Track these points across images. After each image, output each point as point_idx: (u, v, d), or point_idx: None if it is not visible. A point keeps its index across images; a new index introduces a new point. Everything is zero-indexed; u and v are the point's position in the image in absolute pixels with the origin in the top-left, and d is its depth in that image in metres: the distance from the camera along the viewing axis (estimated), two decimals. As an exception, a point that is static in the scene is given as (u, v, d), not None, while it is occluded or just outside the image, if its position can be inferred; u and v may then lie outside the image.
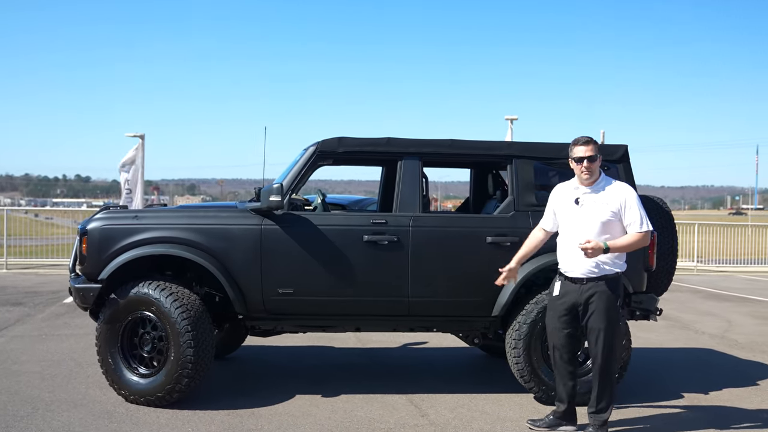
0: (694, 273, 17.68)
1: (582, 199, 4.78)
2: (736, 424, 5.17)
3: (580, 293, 4.72)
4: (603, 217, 4.65)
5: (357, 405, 5.40)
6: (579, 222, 4.74)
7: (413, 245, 5.41)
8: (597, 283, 4.67)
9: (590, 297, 4.69)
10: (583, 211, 4.74)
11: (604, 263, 4.67)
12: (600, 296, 4.66)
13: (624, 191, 4.72)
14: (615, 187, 4.75)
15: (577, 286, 4.74)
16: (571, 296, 4.76)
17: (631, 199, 4.68)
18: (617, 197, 4.68)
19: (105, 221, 5.40)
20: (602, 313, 4.65)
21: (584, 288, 4.71)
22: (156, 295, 5.18)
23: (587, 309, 4.71)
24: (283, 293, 5.38)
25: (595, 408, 4.76)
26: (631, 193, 4.72)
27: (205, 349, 5.21)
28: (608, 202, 4.69)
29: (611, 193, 4.71)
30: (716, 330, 9.26)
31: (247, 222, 5.39)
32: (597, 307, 4.67)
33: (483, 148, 5.77)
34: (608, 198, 4.70)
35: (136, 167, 14.27)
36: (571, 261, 4.76)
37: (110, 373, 5.29)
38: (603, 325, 4.66)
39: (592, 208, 4.72)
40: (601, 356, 4.70)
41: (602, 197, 4.71)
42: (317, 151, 5.58)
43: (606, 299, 4.65)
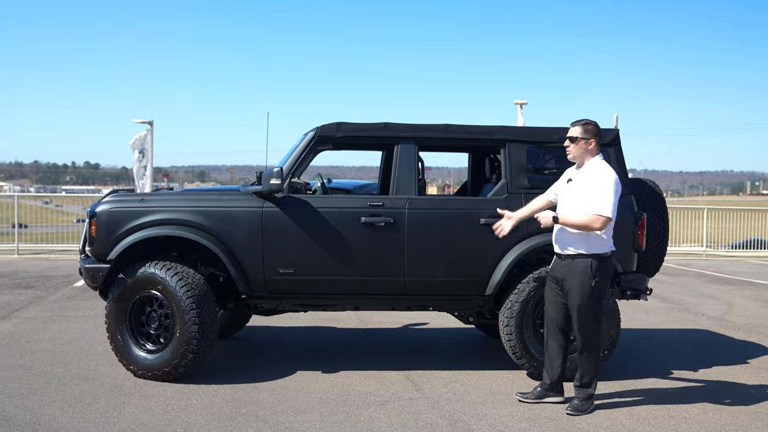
0: (702, 258, 17.78)
1: (573, 179, 5.01)
2: (722, 398, 5.36)
3: (560, 268, 4.98)
4: (583, 196, 4.85)
5: (355, 380, 5.62)
6: (565, 200, 4.98)
7: (409, 226, 5.60)
8: (573, 260, 4.90)
9: (566, 273, 4.92)
10: (569, 190, 4.98)
11: (579, 242, 4.87)
12: (574, 274, 4.88)
13: (601, 173, 4.87)
14: (597, 169, 4.92)
15: (560, 262, 4.99)
16: (557, 271, 5.02)
17: (603, 182, 4.81)
18: (594, 178, 4.87)
19: (113, 204, 5.62)
20: (576, 291, 4.88)
21: (563, 264, 4.96)
22: (162, 275, 5.40)
23: (564, 285, 4.95)
24: (284, 273, 5.59)
25: (579, 382, 4.97)
26: (607, 177, 4.83)
27: (209, 326, 5.43)
28: (585, 182, 4.90)
29: (591, 173, 4.91)
30: (716, 312, 9.42)
31: (248, 205, 5.60)
32: (572, 285, 4.90)
33: (477, 132, 5.94)
34: (588, 178, 4.90)
35: (145, 154, 14.51)
36: (555, 237, 5.04)
37: (119, 349, 5.52)
38: (577, 302, 4.89)
39: (576, 187, 4.93)
40: (580, 332, 4.94)
41: (585, 177, 4.92)
42: (316, 136, 5.77)
43: (579, 277, 4.86)
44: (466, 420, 4.74)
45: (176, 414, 4.72)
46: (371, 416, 4.77)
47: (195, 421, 4.60)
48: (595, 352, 5.00)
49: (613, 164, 5.87)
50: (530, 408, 5.01)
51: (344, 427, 4.55)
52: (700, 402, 5.25)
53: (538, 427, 4.64)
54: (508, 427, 4.61)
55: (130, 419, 4.60)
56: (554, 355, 5.10)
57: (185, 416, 4.68)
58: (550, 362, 5.12)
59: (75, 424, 4.49)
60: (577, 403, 4.93)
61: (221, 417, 4.68)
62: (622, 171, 5.89)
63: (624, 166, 5.93)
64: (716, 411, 5.04)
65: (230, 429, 4.46)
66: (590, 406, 4.95)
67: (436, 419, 4.74)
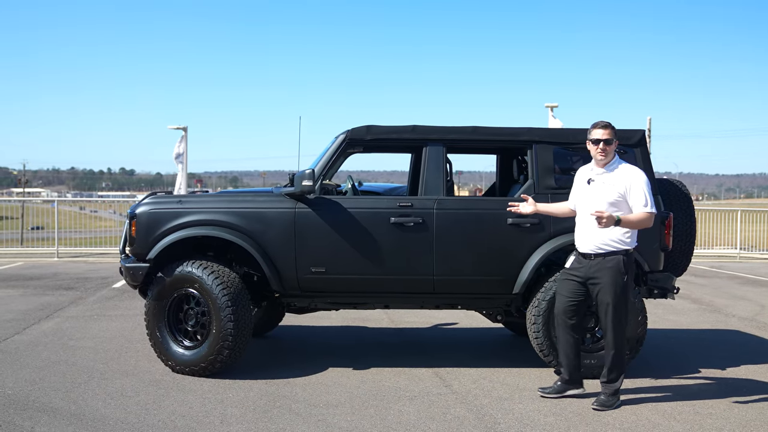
0: (737, 260, 17.60)
1: (594, 179, 5.10)
2: (746, 396, 5.40)
3: (589, 268, 5.04)
4: (610, 197, 4.95)
5: (386, 377, 5.76)
6: (589, 200, 5.06)
7: (437, 226, 5.74)
8: (605, 258, 4.98)
9: (597, 272, 5.00)
10: (593, 190, 5.07)
11: (612, 240, 4.97)
12: (606, 272, 4.97)
13: (632, 174, 5.01)
14: (624, 170, 5.04)
15: (587, 261, 5.06)
16: (581, 270, 5.09)
17: (637, 182, 4.96)
18: (625, 179, 4.98)
19: (152, 205, 5.85)
20: (609, 288, 4.96)
21: (593, 263, 5.03)
22: (199, 274, 5.60)
23: (595, 284, 5.02)
24: (316, 272, 5.76)
25: (606, 378, 5.06)
26: (639, 176, 5.00)
27: (244, 323, 5.62)
28: (616, 183, 4.98)
29: (620, 174, 5.01)
30: (747, 313, 9.38)
31: (282, 206, 5.78)
32: (604, 282, 4.97)
33: (504, 134, 6.06)
34: (617, 179, 4.99)
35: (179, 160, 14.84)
36: (583, 237, 5.10)
37: (158, 345, 5.74)
38: (610, 299, 4.97)
39: (602, 188, 5.02)
40: (610, 329, 5.02)
41: (612, 178, 5.02)
42: (347, 138, 5.94)
43: (612, 275, 4.95)
44: (493, 414, 4.85)
45: (213, 407, 4.91)
46: (401, 410, 4.91)
47: (231, 413, 4.79)
48: (623, 348, 5.08)
49: (639, 164, 5.95)
50: (556, 403, 5.11)
51: (374, 420, 4.70)
52: (727, 399, 5.29)
53: (564, 421, 4.73)
54: (534, 422, 4.72)
55: (170, 411, 4.80)
56: (569, 350, 5.22)
57: (221, 409, 4.87)
58: (566, 358, 5.24)
59: (117, 415, 4.71)
60: (604, 399, 5.02)
61: (256, 410, 4.86)
62: (649, 171, 5.96)
63: (650, 166, 6.00)
64: (742, 408, 5.09)
65: (265, 421, 4.64)
66: (616, 401, 5.03)
67: (464, 413, 4.86)
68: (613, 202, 4.96)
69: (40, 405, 4.89)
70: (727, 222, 19.38)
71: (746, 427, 4.69)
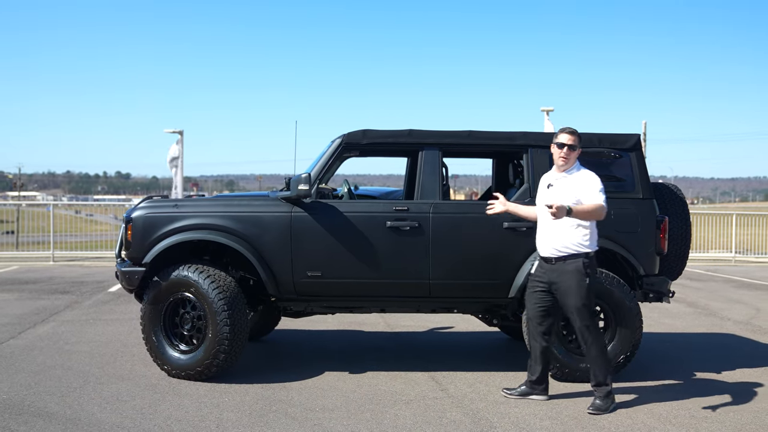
0: (731, 264, 17.64)
1: (554, 183, 5.18)
2: (742, 399, 5.41)
3: (551, 272, 5.11)
4: (568, 201, 4.99)
5: (382, 380, 5.77)
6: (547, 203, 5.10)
7: (433, 230, 5.75)
8: (565, 262, 5.04)
9: (559, 276, 5.05)
10: (552, 193, 5.14)
11: (571, 243, 5.03)
12: (568, 275, 5.02)
13: (588, 177, 5.07)
14: (582, 174, 5.11)
15: (548, 266, 5.13)
16: (545, 275, 5.16)
17: (591, 182, 5.03)
18: (581, 182, 5.05)
19: (148, 210, 5.85)
20: (571, 291, 5.01)
21: (554, 267, 5.09)
22: (195, 278, 5.60)
23: (558, 288, 5.08)
24: (312, 276, 5.76)
25: (594, 381, 5.10)
26: (593, 178, 5.06)
27: (241, 327, 5.62)
28: (573, 186, 5.05)
29: (577, 178, 5.08)
30: (743, 317, 9.40)
31: (278, 210, 5.79)
32: (566, 286, 5.03)
33: (500, 138, 6.07)
34: (574, 182, 5.07)
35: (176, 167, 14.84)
36: (543, 241, 5.17)
37: (154, 349, 5.74)
38: (574, 302, 5.02)
39: (560, 191, 5.10)
40: (584, 332, 5.07)
41: (569, 181, 5.09)
42: (343, 143, 5.95)
43: (573, 278, 5.00)
44: (489, 418, 4.86)
45: (209, 411, 4.91)
46: (397, 414, 4.91)
47: (227, 417, 4.78)
48: (601, 348, 5.11)
49: (634, 168, 5.99)
50: (552, 407, 5.12)
51: (371, 424, 4.70)
52: (722, 402, 5.31)
53: (559, 425, 4.74)
54: (530, 425, 4.72)
55: (165, 415, 4.79)
56: (538, 355, 5.27)
57: (218, 413, 4.87)
58: (534, 361, 5.29)
59: (113, 419, 4.70)
60: (599, 403, 5.03)
61: (252, 414, 4.86)
62: (644, 175, 5.99)
63: (645, 170, 6.03)
64: (738, 411, 5.10)
65: (261, 425, 4.64)
66: (611, 404, 5.04)
67: (460, 417, 4.87)
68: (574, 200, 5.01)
69: (35, 410, 4.88)
70: (722, 225, 19.44)
71: (742, 430, 4.70)
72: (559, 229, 5.04)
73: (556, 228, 5.04)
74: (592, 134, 6.05)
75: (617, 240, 5.83)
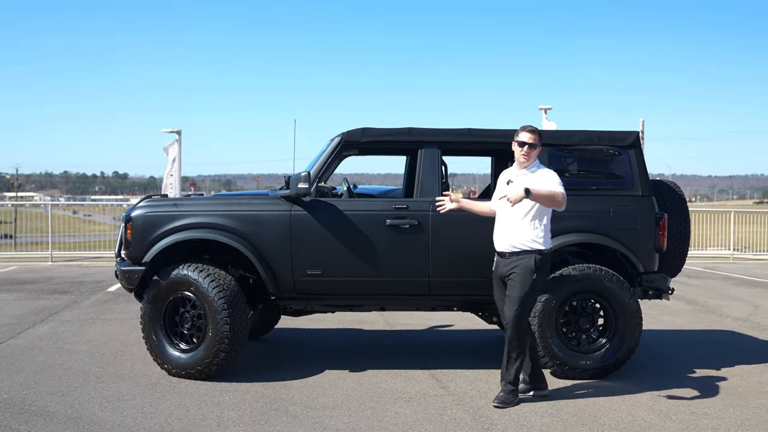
0: (730, 261, 17.65)
1: (513, 180, 5.21)
2: (741, 396, 5.43)
3: (505, 266, 5.16)
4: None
5: (382, 379, 5.77)
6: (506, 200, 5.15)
7: (433, 228, 5.75)
8: (518, 257, 5.09)
9: (512, 270, 5.10)
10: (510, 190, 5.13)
11: (526, 240, 5.08)
12: (518, 269, 5.07)
13: (547, 174, 5.12)
14: (542, 172, 5.15)
15: (503, 260, 5.18)
16: (500, 269, 5.22)
17: (550, 177, 5.08)
18: (540, 179, 5.07)
19: (147, 209, 5.84)
20: (517, 284, 5.06)
21: (508, 262, 5.14)
22: (195, 277, 5.60)
23: (508, 280, 5.14)
24: (312, 274, 5.77)
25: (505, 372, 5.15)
26: (553, 176, 5.11)
27: (241, 326, 5.62)
28: (532, 182, 5.06)
29: (537, 175, 5.11)
30: (741, 314, 9.41)
31: (277, 208, 5.79)
32: (515, 280, 5.08)
33: (498, 135, 6.08)
34: (533, 179, 5.08)
35: (173, 163, 14.78)
36: (500, 236, 5.23)
37: (154, 348, 5.73)
38: (516, 294, 5.06)
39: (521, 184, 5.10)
40: (512, 325, 5.09)
41: (529, 179, 5.11)
42: (342, 141, 5.95)
43: (523, 272, 5.05)
44: (490, 416, 4.87)
45: (210, 410, 4.91)
46: (397, 412, 4.92)
47: (228, 416, 4.78)
48: (522, 343, 5.14)
49: (633, 166, 6.00)
50: (552, 404, 5.13)
51: (371, 422, 4.71)
52: (722, 399, 5.32)
53: (560, 422, 4.75)
54: (531, 422, 4.73)
55: (166, 414, 4.80)
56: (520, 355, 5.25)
57: (218, 411, 4.87)
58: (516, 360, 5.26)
59: (114, 418, 4.70)
60: (503, 396, 5.11)
61: (253, 412, 4.86)
62: (643, 172, 6.00)
63: (644, 167, 6.03)
64: (737, 407, 5.11)
65: (262, 423, 4.64)
66: (515, 399, 5.12)
67: (460, 415, 4.87)
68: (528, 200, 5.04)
69: (36, 409, 4.88)
70: (720, 223, 19.45)
71: (741, 427, 4.71)
72: (515, 225, 5.10)
73: (513, 224, 5.11)
74: (592, 132, 6.06)
75: (617, 237, 5.84)
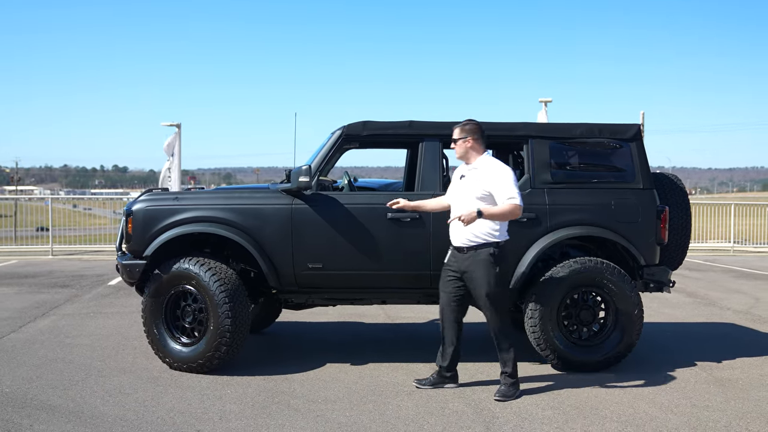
0: (730, 254, 17.65)
1: (465, 175, 5.22)
2: (743, 388, 5.43)
3: (462, 261, 5.16)
4: (477, 193, 5.07)
5: (383, 372, 5.78)
6: (459, 196, 5.21)
7: (434, 221, 5.74)
8: (476, 251, 5.09)
9: (470, 265, 5.10)
10: (462, 186, 5.20)
11: (481, 233, 5.07)
12: (478, 264, 5.07)
13: (496, 169, 5.09)
14: (490, 166, 5.13)
15: (460, 255, 5.17)
16: (456, 264, 5.21)
17: (502, 176, 5.04)
18: (490, 174, 5.07)
19: (148, 203, 5.84)
20: (481, 281, 5.07)
21: (465, 257, 5.14)
22: (196, 270, 5.60)
23: (469, 277, 5.13)
24: (313, 268, 5.76)
25: (502, 369, 5.19)
26: (503, 171, 5.07)
27: (242, 319, 5.62)
28: (481, 178, 5.08)
29: (486, 170, 5.11)
30: (742, 306, 9.42)
31: (278, 202, 5.78)
32: (476, 276, 5.08)
33: (500, 129, 6.06)
34: (482, 175, 5.10)
35: (173, 156, 14.76)
36: (455, 231, 5.22)
37: (155, 342, 5.74)
38: (484, 292, 5.07)
39: (469, 183, 5.15)
40: (491, 321, 5.15)
41: (478, 174, 5.12)
42: (343, 134, 5.94)
43: (483, 267, 5.06)
44: (491, 409, 4.87)
45: (211, 403, 4.91)
46: (399, 405, 4.92)
47: (230, 409, 4.79)
48: (508, 338, 5.17)
49: (634, 159, 5.99)
50: (554, 397, 5.13)
51: (373, 415, 4.71)
52: (723, 391, 5.33)
53: (561, 414, 4.76)
54: (532, 415, 4.74)
55: (168, 408, 4.80)
56: (448, 343, 5.32)
57: (220, 405, 4.87)
58: (444, 350, 5.34)
59: (116, 412, 4.70)
60: (504, 389, 5.13)
61: (255, 406, 4.87)
62: (644, 165, 5.99)
63: (646, 160, 6.03)
64: (738, 400, 5.12)
65: (264, 417, 4.65)
66: (516, 391, 5.14)
67: (462, 408, 4.88)
68: (480, 197, 5.07)
69: (38, 403, 4.88)
70: (720, 216, 19.45)
71: (743, 419, 4.71)
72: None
73: None
74: (593, 124, 6.05)
75: (618, 230, 5.84)
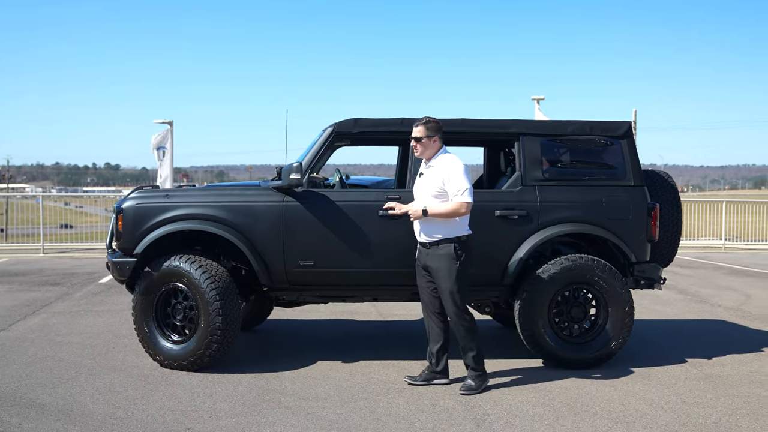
0: (722, 251, 17.71)
1: (423, 172, 5.28)
2: (733, 385, 5.45)
3: (426, 256, 5.22)
4: (432, 190, 5.12)
5: (375, 369, 5.77)
6: (418, 193, 5.28)
7: (425, 219, 5.73)
8: (438, 246, 5.14)
9: (432, 260, 5.16)
10: (421, 183, 5.27)
11: (440, 229, 5.12)
12: (439, 259, 5.13)
13: (449, 164, 5.12)
14: (443, 161, 5.17)
15: (425, 250, 5.23)
16: (421, 259, 5.28)
17: (453, 171, 5.07)
18: (443, 170, 5.11)
19: (139, 200, 5.81)
20: (444, 275, 5.11)
21: (429, 251, 5.19)
22: (187, 268, 5.58)
23: (432, 272, 5.19)
24: (304, 265, 5.75)
25: (465, 362, 5.24)
26: (455, 166, 5.10)
27: (233, 317, 5.61)
28: (436, 175, 5.12)
29: (440, 166, 5.15)
30: (733, 303, 9.45)
31: (269, 199, 5.77)
32: (438, 270, 5.14)
33: (492, 126, 6.07)
34: (437, 171, 5.14)
35: (165, 153, 14.71)
36: (416, 227, 5.30)
37: (146, 340, 5.72)
38: (446, 286, 5.12)
39: (426, 180, 5.20)
40: (452, 314, 5.18)
41: (434, 170, 5.16)
42: (334, 131, 5.93)
43: (445, 262, 5.10)
44: (482, 406, 4.87)
45: (202, 401, 4.90)
46: (390, 402, 4.92)
47: (220, 407, 4.78)
48: (471, 332, 5.20)
49: (625, 156, 6.00)
50: (544, 394, 5.14)
51: (364, 412, 4.71)
52: (713, 388, 5.34)
53: (552, 411, 4.76)
54: (523, 412, 4.74)
55: (158, 406, 4.79)
56: (435, 339, 5.36)
57: (211, 403, 4.86)
58: (430, 349, 5.38)
59: (105, 410, 4.69)
60: (470, 383, 5.19)
61: (245, 404, 4.86)
62: (635, 162, 6.00)
63: (636, 157, 6.04)
64: (729, 396, 5.14)
65: (254, 414, 4.64)
66: (482, 384, 5.19)
67: (453, 405, 4.88)
68: (435, 193, 5.11)
69: (27, 401, 4.86)
70: (711, 213, 19.52)
71: (732, 415, 4.73)
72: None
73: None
74: (584, 122, 6.06)
75: (609, 227, 5.85)
